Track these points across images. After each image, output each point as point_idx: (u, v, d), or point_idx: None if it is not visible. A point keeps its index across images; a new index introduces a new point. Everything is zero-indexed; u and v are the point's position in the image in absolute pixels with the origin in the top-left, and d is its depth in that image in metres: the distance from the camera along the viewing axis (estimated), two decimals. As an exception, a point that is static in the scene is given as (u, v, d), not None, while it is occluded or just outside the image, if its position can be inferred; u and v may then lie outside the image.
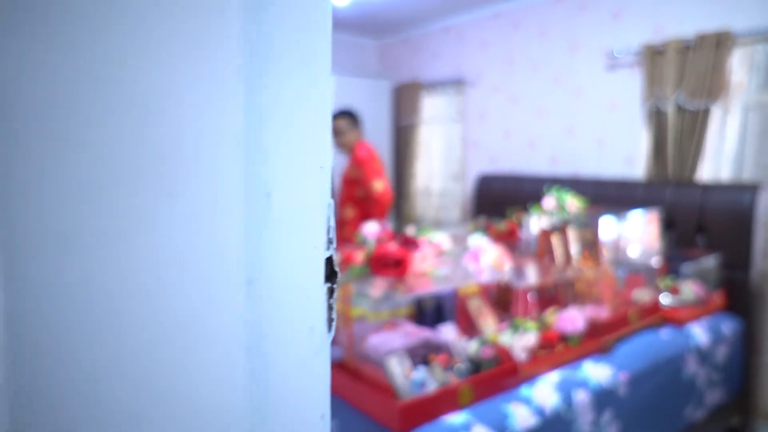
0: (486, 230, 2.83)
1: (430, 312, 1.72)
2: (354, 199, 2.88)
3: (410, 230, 2.41)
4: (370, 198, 2.75)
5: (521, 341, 1.68)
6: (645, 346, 1.92)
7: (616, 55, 3.03)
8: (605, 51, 3.14)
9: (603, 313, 1.95)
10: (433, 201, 4.57)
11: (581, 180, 3.18)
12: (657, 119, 2.84)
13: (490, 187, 3.75)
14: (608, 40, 3.14)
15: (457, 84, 4.19)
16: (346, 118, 2.94)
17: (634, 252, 2.32)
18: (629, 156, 3.11)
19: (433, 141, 4.52)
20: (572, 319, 1.85)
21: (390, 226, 2.49)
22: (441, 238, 2.31)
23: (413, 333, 1.53)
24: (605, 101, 3.21)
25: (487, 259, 1.79)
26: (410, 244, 1.62)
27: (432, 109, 4.49)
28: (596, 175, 3.22)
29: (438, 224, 4.49)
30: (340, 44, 4.86)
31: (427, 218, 4.63)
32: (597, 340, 1.85)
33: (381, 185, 2.76)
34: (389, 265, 1.52)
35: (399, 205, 4.70)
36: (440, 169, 4.45)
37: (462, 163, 4.22)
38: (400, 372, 1.43)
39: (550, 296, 2.11)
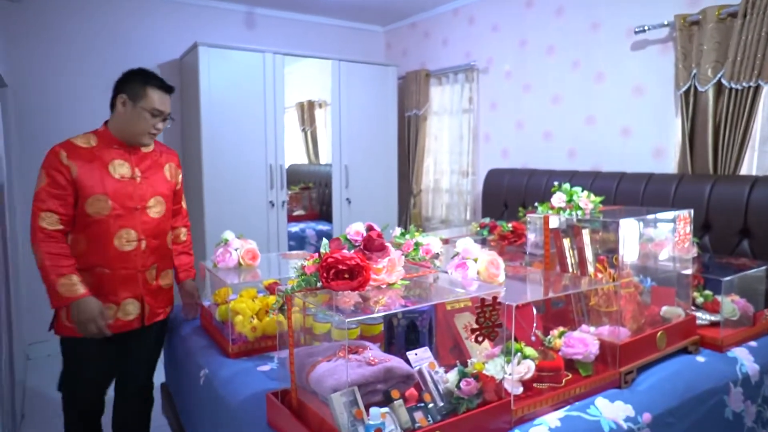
0: (490, 231, 2.47)
1: (401, 331, 1.38)
2: None
3: (396, 231, 2.08)
4: None
5: (516, 371, 1.33)
6: (676, 377, 1.55)
7: (645, 30, 2.63)
8: (630, 27, 2.74)
9: (623, 334, 1.57)
10: (442, 198, 4.21)
11: (603, 175, 2.79)
12: (693, 103, 2.43)
13: (501, 183, 3.38)
14: (634, 13, 2.74)
15: (466, 71, 3.83)
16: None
17: (662, 259, 1.92)
18: (658, 147, 2.70)
19: (441, 133, 4.16)
20: (583, 341, 1.49)
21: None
22: (432, 241, 1.97)
23: (374, 360, 1.21)
24: (630, 85, 2.81)
25: (474, 268, 1.44)
26: (375, 248, 1.28)
27: (440, 98, 4.13)
28: (620, 169, 2.82)
29: (447, 224, 4.14)
30: (346, 31, 4.55)
31: (435, 217, 4.28)
32: (614, 368, 1.48)
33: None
34: (343, 275, 1.19)
35: (406, 203, 4.35)
36: (449, 164, 4.09)
37: (472, 156, 3.85)
38: (349, 414, 1.10)
39: (558, 312, 1.74)
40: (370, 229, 2.27)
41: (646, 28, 2.60)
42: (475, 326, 1.20)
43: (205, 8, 3.89)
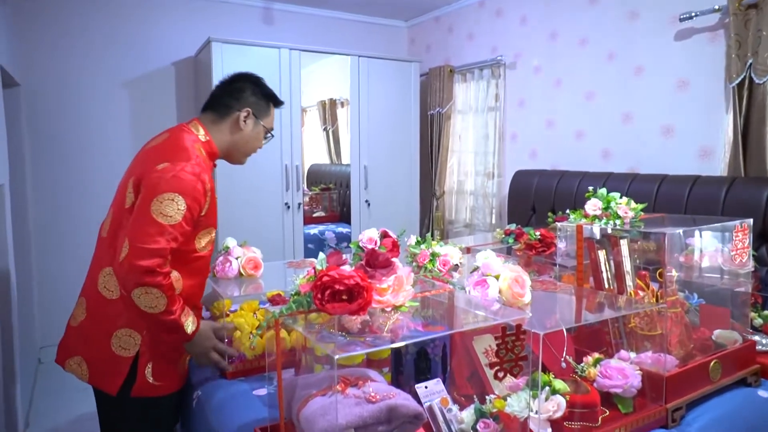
0: (516, 239, 2.27)
1: (410, 360, 1.21)
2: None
3: (412, 239, 1.90)
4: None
5: (543, 408, 1.14)
6: (734, 415, 1.33)
7: (692, 16, 2.37)
8: (674, 14, 2.50)
9: (669, 363, 1.36)
10: (466, 201, 4.01)
11: (641, 177, 2.55)
12: (747, 97, 2.18)
13: (529, 185, 3.16)
14: (677, 0, 2.49)
15: (493, 66, 3.61)
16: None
17: (713, 276, 1.70)
18: (705, 147, 2.45)
19: (465, 132, 3.96)
20: (623, 371, 1.29)
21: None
22: (450, 252, 1.78)
23: (375, 396, 1.04)
24: (673, 79, 2.56)
25: (496, 286, 1.25)
26: (379, 264, 1.11)
27: (465, 95, 3.93)
28: (661, 171, 2.57)
29: (471, 228, 3.94)
30: (368, 26, 4.39)
31: (458, 221, 4.08)
32: (659, 404, 1.27)
33: None
34: (340, 296, 1.02)
35: (428, 206, 4.17)
36: (473, 165, 3.89)
37: (498, 157, 3.64)
38: (343, 464, 0.93)
39: (591, 332, 1.54)
40: (384, 235, 2.10)
41: (693, 14, 2.35)
42: (495, 359, 1.01)
43: (222, 4, 3.78)
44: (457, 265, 1.78)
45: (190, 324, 1.39)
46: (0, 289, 2.20)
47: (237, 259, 1.82)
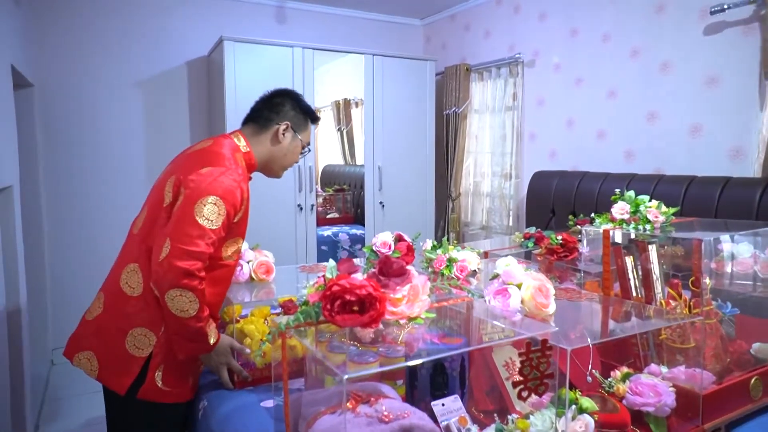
0: (536, 243, 2.17)
1: (426, 375, 1.13)
2: None
3: (427, 244, 1.82)
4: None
5: (570, 429, 1.05)
6: (775, 437, 1.23)
7: (724, 9, 2.26)
8: (703, 8, 2.38)
9: (706, 379, 1.26)
10: (482, 203, 3.91)
11: (667, 179, 2.44)
12: (782, 94, 2.06)
13: (548, 187, 3.06)
14: (709, -8, 2.38)
15: (510, 64, 3.52)
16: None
17: (746, 283, 1.59)
18: (736, 147, 2.33)
19: (482, 132, 3.86)
20: (655, 388, 1.19)
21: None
22: (468, 257, 1.70)
23: (389, 415, 0.96)
24: (702, 75, 2.45)
25: (517, 296, 1.17)
26: (393, 273, 1.03)
27: (481, 94, 3.83)
28: (688, 172, 2.46)
29: (487, 231, 3.84)
30: (382, 25, 4.32)
31: (474, 223, 3.99)
32: (695, 424, 1.18)
33: None
34: (351, 307, 0.95)
35: (444, 208, 4.08)
36: (490, 166, 3.79)
37: (516, 158, 3.54)
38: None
39: (618, 343, 1.44)
40: (399, 239, 2.02)
41: (725, 6, 2.23)
42: (519, 378, 0.93)
43: (236, 2, 3.74)
44: (475, 270, 1.70)
45: (212, 335, 1.37)
46: (9, 291, 2.18)
47: (248, 262, 1.76)
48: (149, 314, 1.36)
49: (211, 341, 1.37)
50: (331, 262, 1.06)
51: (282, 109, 1.60)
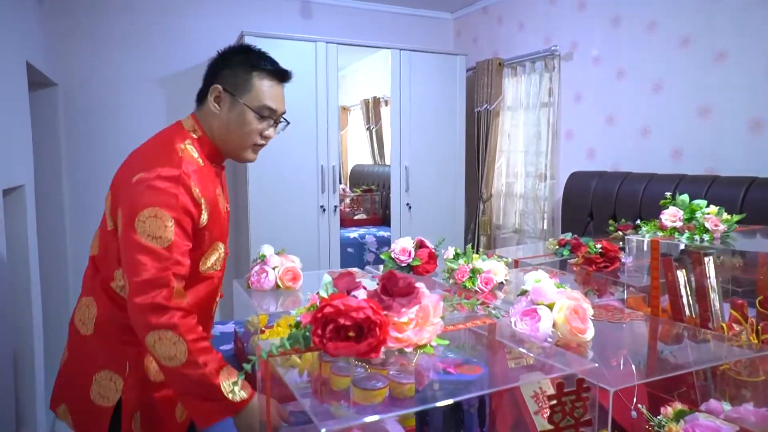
0: (572, 251, 1.97)
1: (438, 412, 0.97)
2: None
3: (449, 252, 1.65)
4: None
5: (611, 481, 0.87)
6: None
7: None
8: (767, -10, 2.13)
9: (776, 420, 1.06)
10: (515, 205, 3.70)
11: (722, 180, 2.19)
12: None
13: (586, 188, 2.83)
14: (772, -28, 2.12)
15: (546, 58, 3.30)
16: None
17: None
18: (804, 145, 2.07)
19: (515, 130, 3.65)
20: (715, 430, 1.00)
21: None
22: (494, 267, 1.53)
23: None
24: (764, 65, 2.19)
25: (549, 319, 0.99)
26: (398, 292, 0.87)
27: (515, 90, 3.62)
28: (747, 173, 2.20)
29: (520, 234, 3.63)
30: (411, 19, 4.16)
31: (507, 226, 3.78)
32: (766, 477, 0.98)
33: None
34: (346, 333, 0.80)
35: (474, 210, 3.89)
36: (524, 166, 3.58)
37: (551, 157, 3.32)
38: None
39: (672, 382, 1.24)
40: (420, 245, 1.85)
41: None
42: (549, 427, 0.76)
43: (260, -1, 3.66)
44: (501, 283, 1.52)
45: (236, 390, 1.04)
46: (21, 293, 2.12)
47: (274, 269, 1.61)
48: (107, 354, 1.16)
49: (235, 398, 1.03)
50: (326, 277, 0.91)
51: (213, 70, 1.27)
